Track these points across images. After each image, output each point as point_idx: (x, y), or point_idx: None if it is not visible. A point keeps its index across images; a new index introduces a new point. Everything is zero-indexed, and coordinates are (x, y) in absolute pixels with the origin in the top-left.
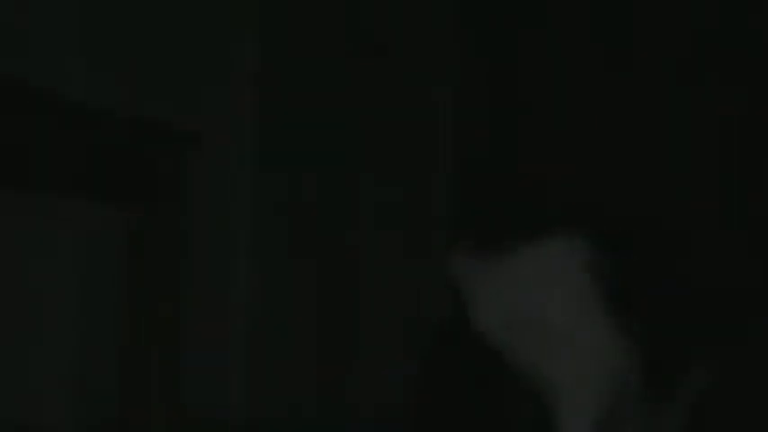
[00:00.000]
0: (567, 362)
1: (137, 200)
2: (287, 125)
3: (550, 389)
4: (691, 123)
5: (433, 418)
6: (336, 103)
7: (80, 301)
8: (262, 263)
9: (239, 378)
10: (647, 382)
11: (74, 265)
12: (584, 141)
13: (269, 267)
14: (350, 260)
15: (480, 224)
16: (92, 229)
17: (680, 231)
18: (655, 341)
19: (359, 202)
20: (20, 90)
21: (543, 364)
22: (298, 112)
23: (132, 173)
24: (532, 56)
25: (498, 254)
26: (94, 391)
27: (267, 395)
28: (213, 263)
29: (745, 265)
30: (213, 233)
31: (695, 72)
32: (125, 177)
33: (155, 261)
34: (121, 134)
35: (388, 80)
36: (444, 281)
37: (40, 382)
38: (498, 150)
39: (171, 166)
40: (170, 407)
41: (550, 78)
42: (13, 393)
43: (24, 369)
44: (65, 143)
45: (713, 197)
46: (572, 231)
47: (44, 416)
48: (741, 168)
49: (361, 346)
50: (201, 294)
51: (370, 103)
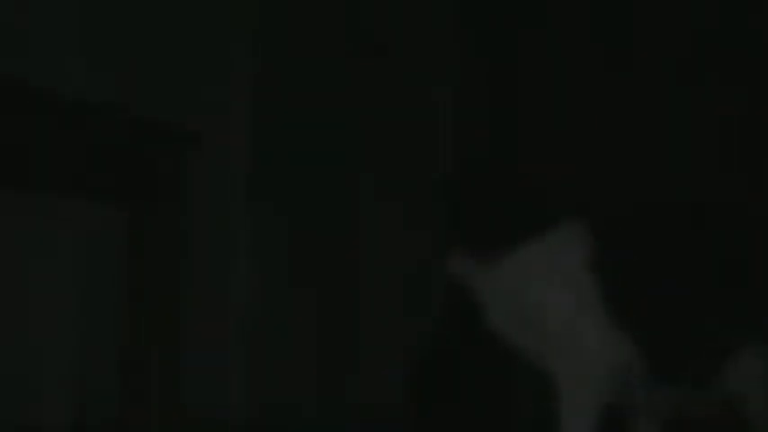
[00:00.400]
0: (568, 359)
1: (136, 199)
2: (286, 125)
3: (555, 384)
4: (691, 123)
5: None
6: (336, 103)
7: (79, 301)
8: (261, 263)
9: (239, 378)
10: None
11: (73, 264)
12: (583, 141)
13: (268, 267)
14: (349, 260)
15: (481, 223)
16: (91, 229)
17: (680, 231)
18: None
19: (358, 202)
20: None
21: (546, 361)
22: (297, 111)
23: (132, 172)
24: (532, 56)
25: (499, 252)
26: (94, 391)
27: (267, 395)
28: (213, 263)
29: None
30: (213, 233)
31: (695, 72)
32: (124, 177)
33: (154, 261)
34: (121, 134)
35: (388, 80)
36: (443, 280)
37: (40, 382)
38: (498, 150)
39: (170, 165)
40: (170, 407)
41: (550, 78)
42: (13, 393)
43: (24, 369)
44: (64, 143)
45: (713, 196)
46: (572, 228)
47: (44, 416)
48: (741, 168)
49: (360, 346)
50: (201, 294)
51: (370, 103)
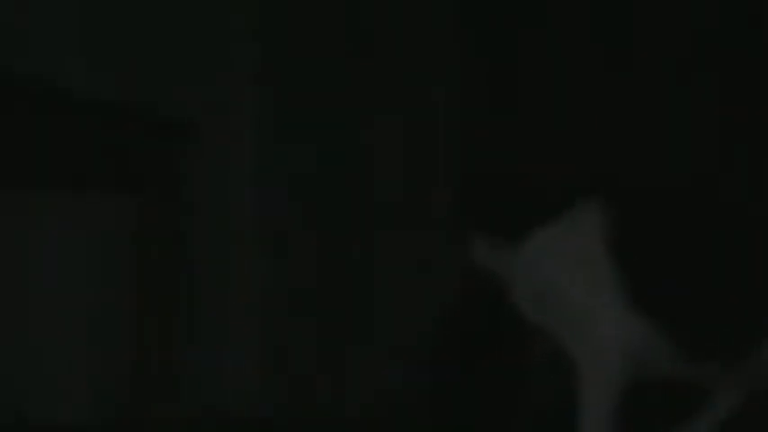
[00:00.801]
0: (585, 341)
1: (138, 193)
2: (290, 117)
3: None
4: (691, 123)
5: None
6: (337, 100)
7: (84, 296)
8: (263, 260)
9: (241, 375)
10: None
11: (76, 259)
12: (583, 141)
13: (270, 265)
14: (351, 258)
15: (499, 208)
16: (93, 225)
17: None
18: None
19: (359, 202)
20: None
21: (567, 344)
22: (297, 111)
23: (133, 167)
24: (532, 56)
25: (518, 237)
26: (99, 388)
27: (269, 393)
28: (214, 259)
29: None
30: (214, 228)
31: (695, 72)
32: (126, 171)
33: (157, 255)
34: (123, 128)
35: (388, 80)
36: (443, 278)
37: (44, 379)
38: (498, 150)
39: (172, 159)
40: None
41: (550, 78)
42: (16, 390)
43: (26, 367)
44: (66, 138)
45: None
46: (589, 209)
47: (48, 412)
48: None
49: (365, 343)
50: (205, 289)
51: (369, 103)
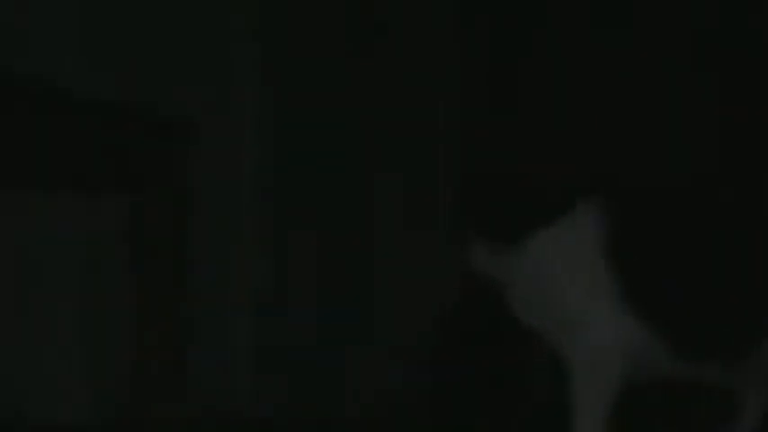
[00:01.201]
0: (581, 344)
1: (137, 192)
2: (291, 116)
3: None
4: (690, 124)
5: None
6: (338, 99)
7: (83, 296)
8: (263, 260)
9: (241, 376)
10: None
11: (75, 259)
12: (582, 142)
13: (270, 265)
14: (351, 258)
15: (497, 212)
16: (94, 224)
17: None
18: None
19: (361, 202)
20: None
21: (562, 347)
22: (297, 111)
23: (131, 166)
24: (532, 56)
25: (516, 240)
26: (99, 388)
27: (269, 393)
28: (213, 258)
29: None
30: (214, 228)
31: (695, 72)
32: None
33: (157, 254)
34: (122, 128)
35: (387, 80)
36: (443, 278)
37: (44, 379)
38: (498, 150)
39: (172, 159)
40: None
41: (550, 78)
42: (17, 390)
43: (28, 366)
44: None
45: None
46: (586, 212)
47: (48, 412)
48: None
49: (365, 343)
50: (210, 289)
51: (369, 102)
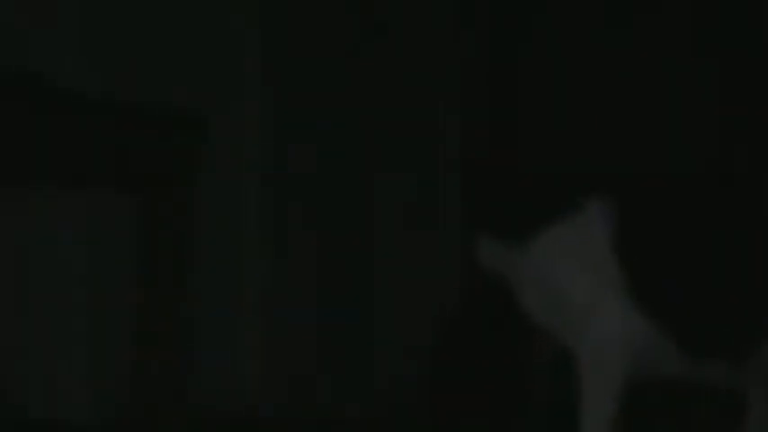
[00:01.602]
0: (588, 341)
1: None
2: (299, 113)
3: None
4: (692, 123)
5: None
6: (336, 102)
7: (89, 292)
8: (265, 260)
9: (241, 375)
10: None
11: (83, 255)
12: (585, 141)
13: (271, 265)
14: (358, 256)
15: (505, 209)
16: (102, 221)
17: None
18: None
19: (361, 202)
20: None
21: (571, 344)
22: (298, 111)
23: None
24: (532, 56)
25: (525, 237)
26: (100, 388)
27: (269, 393)
28: (215, 258)
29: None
30: (216, 228)
31: (696, 71)
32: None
33: (165, 252)
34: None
35: (388, 80)
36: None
37: (50, 376)
38: (498, 150)
39: (181, 155)
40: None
41: (550, 78)
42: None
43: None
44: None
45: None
46: (595, 208)
47: (54, 410)
48: (744, 168)
49: (365, 343)
50: (212, 288)
51: (369, 103)
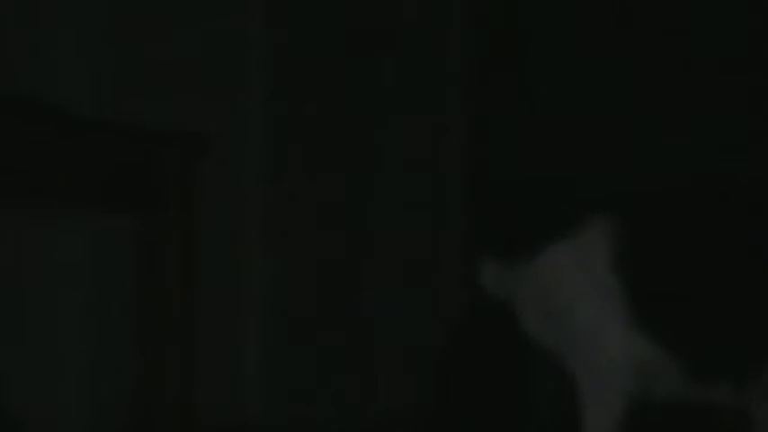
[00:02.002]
0: (590, 361)
1: (147, 204)
2: (301, 127)
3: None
4: (691, 123)
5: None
6: (337, 103)
7: (92, 306)
8: (274, 266)
9: (242, 381)
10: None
11: (86, 269)
12: (585, 141)
13: (280, 271)
14: (361, 259)
15: (508, 228)
16: (103, 234)
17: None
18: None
19: (361, 202)
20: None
21: (572, 363)
22: (299, 110)
23: (142, 177)
24: (532, 56)
25: (527, 257)
26: (107, 392)
27: (280, 395)
28: (224, 266)
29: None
30: (224, 237)
31: (697, 72)
32: (135, 182)
33: (165, 264)
34: (129, 139)
35: (388, 81)
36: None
37: (54, 384)
38: (499, 150)
39: (181, 169)
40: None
41: (550, 79)
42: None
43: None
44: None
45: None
46: (597, 227)
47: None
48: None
49: (373, 345)
50: (213, 297)
51: (371, 104)
